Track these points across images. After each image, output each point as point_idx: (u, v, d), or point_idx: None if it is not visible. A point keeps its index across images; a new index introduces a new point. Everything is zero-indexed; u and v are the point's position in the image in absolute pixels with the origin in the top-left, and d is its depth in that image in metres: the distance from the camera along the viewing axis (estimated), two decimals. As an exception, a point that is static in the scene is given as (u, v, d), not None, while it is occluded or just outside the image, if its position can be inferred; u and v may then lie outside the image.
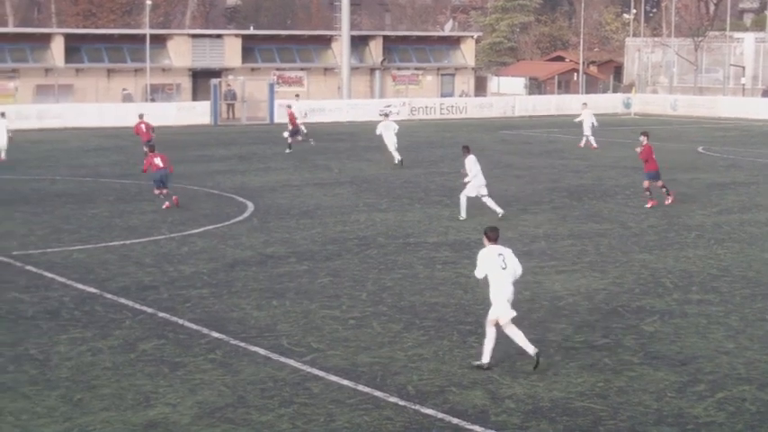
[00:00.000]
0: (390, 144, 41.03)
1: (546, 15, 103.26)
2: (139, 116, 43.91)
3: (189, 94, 71.95)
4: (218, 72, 71.87)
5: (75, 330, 16.92)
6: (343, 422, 12.84)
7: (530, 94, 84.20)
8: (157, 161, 29.76)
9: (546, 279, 20.72)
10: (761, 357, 15.54)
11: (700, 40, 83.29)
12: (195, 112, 65.18)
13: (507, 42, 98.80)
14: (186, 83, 72.46)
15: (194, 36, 75.09)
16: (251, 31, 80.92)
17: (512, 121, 69.24)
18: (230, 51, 73.98)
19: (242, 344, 16.11)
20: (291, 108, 49.73)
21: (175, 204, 29.53)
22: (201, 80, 71.28)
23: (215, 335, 16.63)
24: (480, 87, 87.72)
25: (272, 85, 67.24)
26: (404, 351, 15.75)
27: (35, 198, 32.00)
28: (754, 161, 43.81)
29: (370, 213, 29.09)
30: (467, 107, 73.27)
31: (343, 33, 72.94)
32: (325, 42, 78.85)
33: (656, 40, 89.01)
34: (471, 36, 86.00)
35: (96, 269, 21.57)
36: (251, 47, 75.55)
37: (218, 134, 57.94)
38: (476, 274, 15.07)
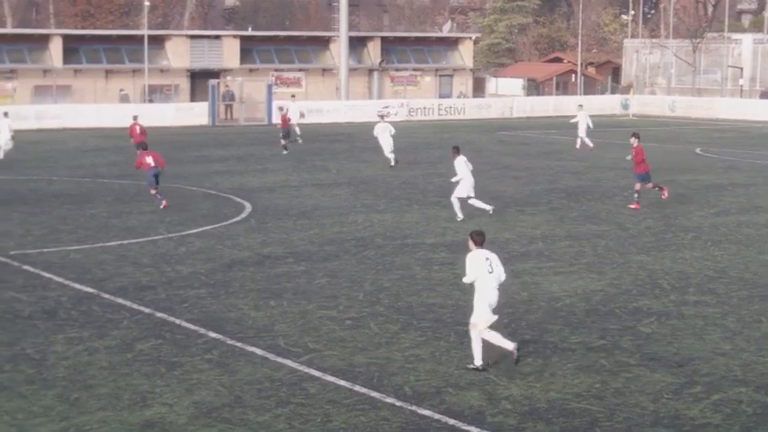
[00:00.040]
0: (386, 146, 41.00)
1: (544, 16, 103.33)
2: (134, 117, 44.25)
3: (187, 95, 71.91)
4: (216, 73, 71.88)
5: (73, 330, 16.92)
6: (339, 422, 12.84)
7: (528, 95, 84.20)
8: (149, 160, 29.91)
9: (543, 280, 20.73)
10: (757, 359, 15.55)
11: (698, 41, 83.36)
12: (193, 113, 65.22)
13: (505, 43, 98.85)
14: (184, 84, 72.43)
15: (192, 37, 75.08)
16: (249, 32, 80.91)
17: (510, 123, 69.26)
18: (228, 52, 73.98)
19: (239, 344, 16.12)
20: (283, 110, 49.99)
21: (164, 206, 29.67)
22: (200, 81, 71.27)
23: (212, 335, 16.64)
24: (478, 88, 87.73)
25: (270, 86, 67.25)
26: (401, 352, 15.76)
27: (33, 198, 32.00)
28: (753, 163, 43.84)
29: (367, 214, 29.10)
30: (465, 108, 73.32)
31: (342, 34, 72.97)
32: (324, 43, 78.86)
33: (654, 41, 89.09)
34: (469, 37, 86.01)
35: (94, 269, 21.58)
36: (249, 48, 75.55)
37: (216, 135, 57.94)
38: (466, 279, 14.90)
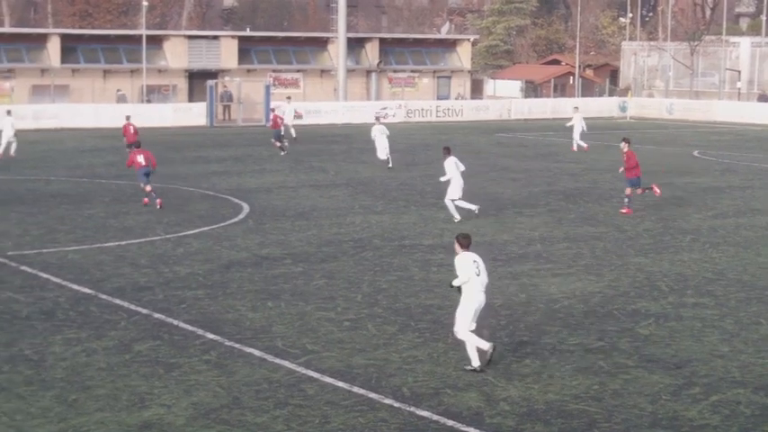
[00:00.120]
0: (381, 149, 40.97)
1: (542, 19, 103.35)
2: (126, 117, 44.51)
3: (185, 96, 71.86)
4: (214, 73, 71.84)
5: (70, 331, 16.90)
6: (337, 424, 12.84)
7: (526, 97, 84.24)
8: (140, 159, 30.09)
9: (541, 282, 20.74)
10: (755, 361, 15.56)
11: (696, 44, 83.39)
12: (191, 114, 65.19)
13: (503, 45, 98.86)
14: (182, 84, 72.39)
15: (190, 37, 75.01)
16: (247, 32, 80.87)
17: (508, 124, 69.28)
18: (226, 53, 73.93)
19: (237, 345, 16.11)
20: (276, 111, 50.30)
21: (144, 203, 29.99)
22: (198, 81, 71.20)
23: (210, 336, 16.63)
24: (476, 90, 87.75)
25: (268, 87, 67.21)
26: (399, 353, 15.75)
27: (31, 198, 31.97)
28: (750, 165, 43.87)
29: (365, 215, 29.10)
30: (463, 110, 73.31)
31: (340, 35, 72.94)
32: (322, 44, 78.82)
33: (652, 43, 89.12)
34: (468, 39, 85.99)
35: (91, 270, 21.56)
36: (247, 48, 75.51)
37: (214, 135, 57.92)
38: (457, 281, 14.77)
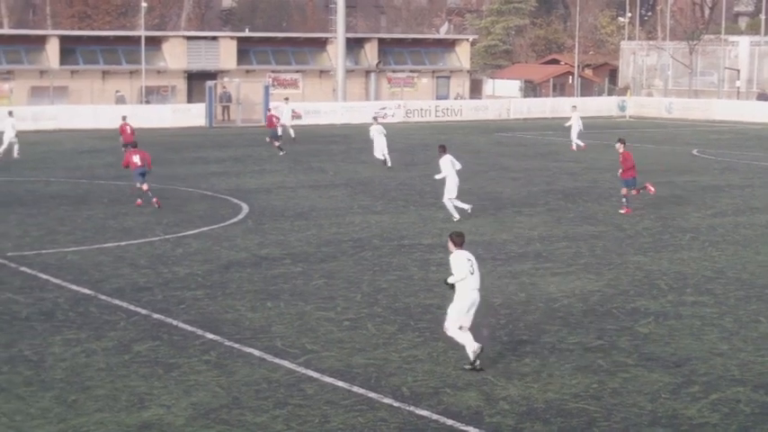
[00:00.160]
0: (379, 148, 41.00)
1: (541, 18, 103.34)
2: (123, 118, 44.96)
3: (184, 96, 71.87)
4: (213, 74, 71.84)
5: (70, 332, 16.90)
6: (337, 423, 12.84)
7: (525, 96, 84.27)
8: (135, 159, 30.15)
9: (541, 281, 20.74)
10: (755, 359, 15.56)
11: (695, 43, 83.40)
12: (190, 114, 65.19)
13: (502, 45, 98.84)
14: (181, 85, 72.41)
15: (189, 38, 75.03)
16: (246, 33, 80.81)
17: (507, 124, 69.28)
18: (225, 53, 73.93)
19: (236, 345, 16.11)
20: (270, 111, 50.42)
21: (137, 204, 30.08)
22: (197, 82, 71.21)
23: (209, 336, 16.63)
24: (475, 90, 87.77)
25: (267, 88, 67.21)
26: (398, 352, 15.75)
27: (30, 199, 31.97)
28: (749, 164, 43.86)
29: (364, 215, 29.10)
30: (462, 110, 73.31)
31: (339, 36, 72.94)
32: (321, 45, 78.82)
33: (651, 43, 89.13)
34: (466, 39, 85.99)
35: (91, 270, 21.56)
36: (246, 49, 75.52)
37: (213, 136, 57.91)
38: (453, 279, 14.76)
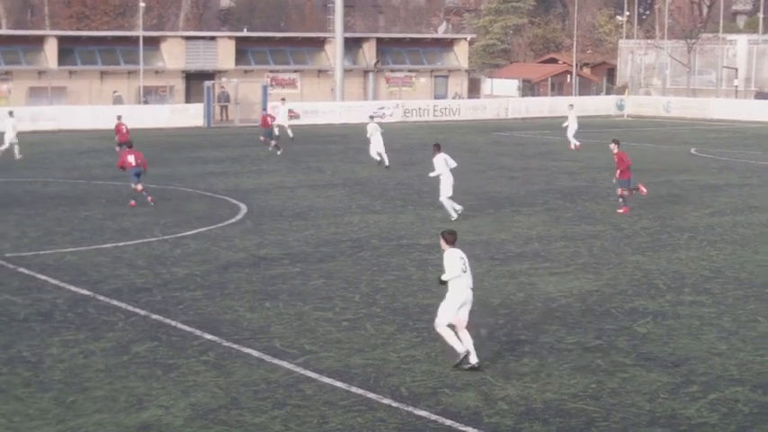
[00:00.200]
0: (376, 146, 41.03)
1: (539, 17, 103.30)
2: (118, 117, 45.15)
3: (182, 97, 71.82)
4: (211, 74, 71.78)
5: (68, 332, 16.89)
6: (336, 424, 12.84)
7: (523, 96, 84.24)
8: (130, 159, 30.17)
9: (539, 280, 20.74)
10: (753, 358, 15.57)
11: (693, 42, 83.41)
12: (188, 114, 65.15)
13: (500, 44, 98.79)
14: (179, 85, 72.36)
15: (187, 38, 74.96)
16: (244, 33, 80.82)
17: (505, 123, 69.28)
18: (223, 53, 73.88)
19: (235, 346, 16.11)
20: (270, 111, 50.59)
21: (131, 206, 30.03)
22: (195, 82, 71.16)
23: (208, 337, 16.62)
24: (473, 89, 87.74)
25: (265, 87, 67.17)
26: (397, 353, 15.76)
27: (28, 200, 31.95)
28: (747, 163, 43.88)
29: (363, 215, 29.09)
30: (460, 109, 73.30)
31: (337, 35, 72.93)
32: (319, 44, 78.79)
33: (649, 42, 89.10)
34: (464, 38, 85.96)
35: (89, 271, 21.55)
36: (244, 49, 75.47)
37: (211, 136, 57.88)
38: (446, 276, 14.80)
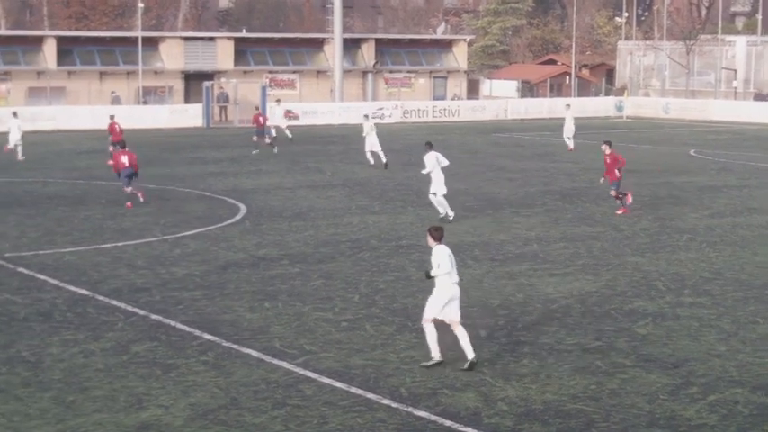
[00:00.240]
0: (372, 145, 41.11)
1: (538, 19, 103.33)
2: (111, 117, 44.75)
3: (181, 97, 71.84)
4: (210, 75, 71.80)
5: (68, 332, 16.89)
6: (335, 424, 12.84)
7: (522, 97, 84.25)
8: (123, 159, 30.08)
9: (539, 282, 20.74)
10: (753, 360, 15.57)
11: (691, 43, 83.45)
12: (187, 115, 65.17)
13: (499, 46, 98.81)
14: (178, 85, 72.37)
15: (186, 39, 74.96)
16: (243, 33, 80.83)
17: (504, 124, 69.29)
18: (222, 54, 73.90)
19: (234, 346, 16.10)
20: (258, 110, 51.08)
21: (128, 207, 29.79)
22: (194, 83, 71.19)
23: (207, 337, 16.62)
24: (472, 90, 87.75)
25: (264, 88, 67.19)
26: (396, 353, 15.75)
27: (28, 200, 31.94)
28: (746, 164, 43.89)
29: (362, 216, 29.09)
30: (459, 110, 73.31)
31: (336, 36, 72.94)
32: (318, 45, 78.81)
33: (647, 43, 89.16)
34: (463, 39, 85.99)
35: (89, 271, 21.54)
36: (243, 50, 75.50)
37: (210, 136, 57.88)
38: (435, 272, 14.80)
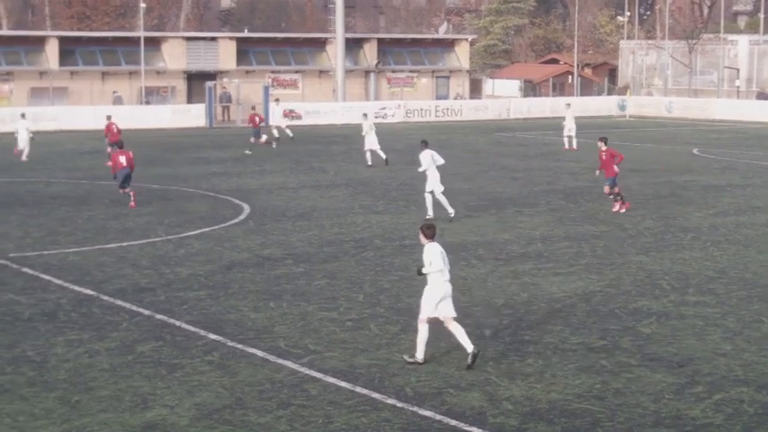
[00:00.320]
0: (367, 145, 41.19)
1: (540, 18, 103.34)
2: (107, 117, 44.44)
3: (184, 97, 71.88)
4: (212, 75, 71.84)
5: (73, 332, 16.90)
6: (341, 424, 12.83)
7: (524, 96, 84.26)
8: (121, 159, 30.09)
9: (543, 281, 20.73)
10: (758, 359, 15.55)
11: (694, 42, 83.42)
12: (190, 115, 65.22)
13: (502, 45, 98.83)
14: (181, 85, 72.41)
15: (189, 39, 75.03)
16: (245, 33, 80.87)
17: (507, 124, 69.30)
18: (225, 54, 73.93)
19: (239, 345, 16.10)
20: (255, 109, 51.41)
21: (131, 207, 29.78)
22: (196, 83, 71.23)
23: (212, 337, 16.62)
24: (475, 90, 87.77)
25: (266, 88, 67.21)
26: (401, 353, 15.73)
27: (31, 200, 31.96)
28: (749, 163, 43.86)
29: (366, 215, 29.09)
30: (462, 110, 73.33)
31: (338, 36, 72.96)
32: (320, 45, 78.82)
33: (650, 42, 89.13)
34: (466, 39, 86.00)
35: (93, 271, 21.55)
36: (245, 49, 75.53)
37: (213, 136, 57.91)
38: (428, 269, 14.79)
